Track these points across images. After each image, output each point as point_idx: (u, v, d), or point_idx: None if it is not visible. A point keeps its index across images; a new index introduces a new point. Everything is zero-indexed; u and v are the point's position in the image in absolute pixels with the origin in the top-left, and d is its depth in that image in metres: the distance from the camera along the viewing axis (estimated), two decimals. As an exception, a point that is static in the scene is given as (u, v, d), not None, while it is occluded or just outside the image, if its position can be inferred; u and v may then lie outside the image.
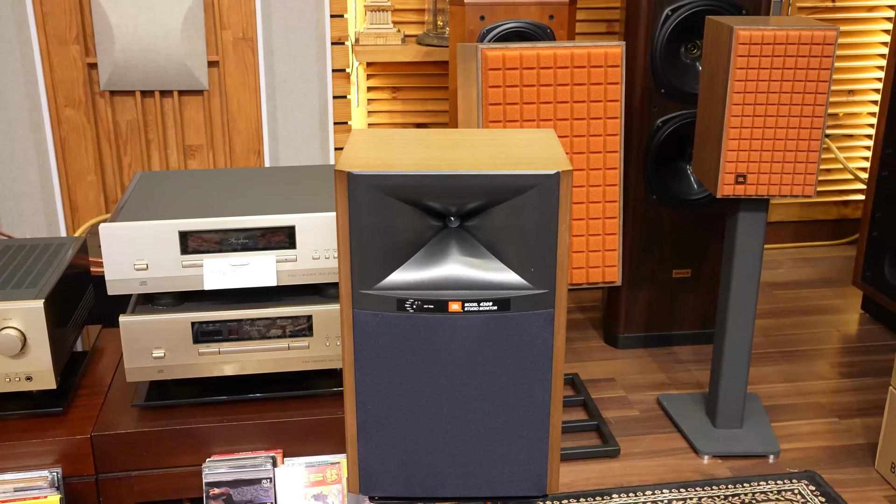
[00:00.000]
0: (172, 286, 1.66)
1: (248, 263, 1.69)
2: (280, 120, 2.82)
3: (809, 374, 2.39)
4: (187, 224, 1.63)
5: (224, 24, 2.71)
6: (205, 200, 1.73)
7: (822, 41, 1.73)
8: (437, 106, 2.91)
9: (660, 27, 2.24)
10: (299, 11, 2.72)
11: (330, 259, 1.70)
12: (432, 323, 1.04)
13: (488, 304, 1.04)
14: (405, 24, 2.84)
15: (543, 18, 2.22)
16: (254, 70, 2.75)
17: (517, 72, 1.72)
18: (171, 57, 2.69)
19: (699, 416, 2.14)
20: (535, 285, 1.04)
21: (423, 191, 1.01)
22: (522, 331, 1.06)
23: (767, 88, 1.76)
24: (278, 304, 1.72)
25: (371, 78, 2.89)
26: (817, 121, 1.78)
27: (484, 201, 1.02)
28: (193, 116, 2.80)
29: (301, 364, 1.74)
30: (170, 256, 1.65)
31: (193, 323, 1.67)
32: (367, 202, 1.01)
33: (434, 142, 1.13)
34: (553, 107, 1.74)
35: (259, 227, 1.66)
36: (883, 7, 3.10)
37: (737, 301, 1.98)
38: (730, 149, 1.80)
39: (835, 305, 2.82)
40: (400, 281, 1.04)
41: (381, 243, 1.03)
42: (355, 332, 1.06)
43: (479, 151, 1.08)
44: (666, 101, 2.31)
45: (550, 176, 1.00)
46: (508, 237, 1.03)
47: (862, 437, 2.09)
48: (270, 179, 1.86)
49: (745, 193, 1.83)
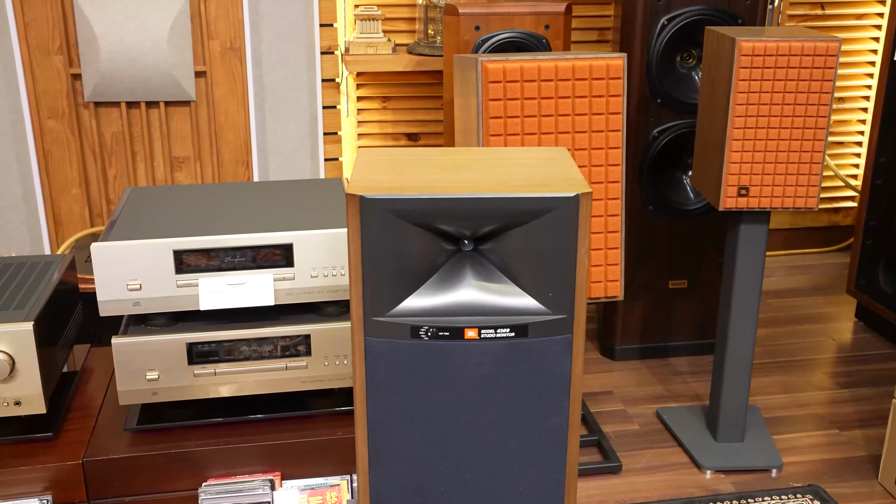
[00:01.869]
0: (167, 306, 1.61)
1: (245, 282, 1.64)
2: (269, 131, 2.77)
3: (807, 385, 2.38)
4: (182, 243, 1.59)
5: (211, 33, 2.66)
6: (199, 218, 1.69)
7: (825, 52, 1.71)
8: (429, 116, 2.88)
9: (656, 37, 2.22)
10: (288, 20, 2.68)
11: (328, 277, 1.66)
12: (447, 350, 1.01)
13: (505, 331, 1.01)
14: (395, 32, 2.81)
15: (539, 28, 2.19)
16: (242, 80, 2.71)
17: (518, 84, 1.69)
18: (158, 67, 2.64)
19: (699, 430, 2.12)
20: (553, 310, 1.01)
21: (438, 214, 0.97)
22: (540, 357, 1.02)
23: (770, 100, 1.74)
24: (275, 323, 1.68)
25: (361, 87, 2.85)
26: (819, 132, 1.77)
27: (500, 225, 0.99)
28: (180, 127, 2.75)
29: (299, 384, 1.70)
30: (164, 276, 1.60)
31: (188, 344, 1.63)
32: (380, 226, 0.97)
33: (444, 162, 1.09)
34: (554, 120, 1.72)
35: (256, 246, 1.62)
36: (872, 15, 3.10)
37: (738, 314, 1.96)
38: (732, 161, 1.78)
39: (828, 314, 2.82)
40: (414, 307, 1.01)
41: (393, 268, 0.99)
42: (367, 359, 1.02)
43: (493, 172, 1.05)
44: (662, 111, 2.29)
45: (569, 199, 0.97)
46: (525, 261, 1.00)
47: (863, 448, 2.07)
48: (265, 195, 1.82)
49: (747, 206, 1.81)
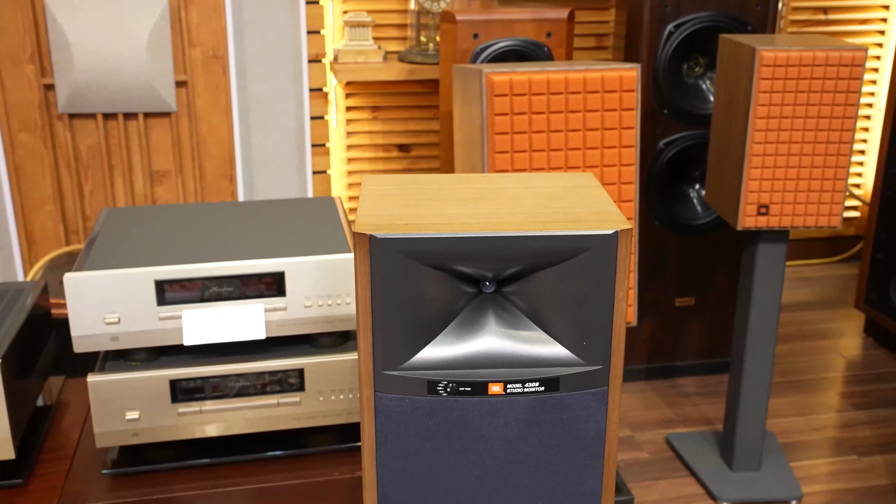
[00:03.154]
0: (148, 341, 1.49)
1: (233, 314, 1.52)
2: (254, 143, 2.64)
3: (821, 406, 2.28)
4: (164, 272, 1.46)
5: (193, 41, 2.53)
6: (182, 243, 1.56)
7: (851, 62, 1.61)
8: (421, 126, 2.76)
9: (662, 45, 2.12)
10: (274, 28, 2.55)
11: (323, 307, 1.55)
12: (469, 408, 0.89)
13: (534, 385, 0.89)
14: (386, 40, 2.69)
15: (541, 36, 2.08)
16: (225, 90, 2.58)
17: (525, 98, 1.58)
18: (136, 77, 2.50)
19: (713, 458, 2.01)
20: (588, 360, 0.90)
21: (460, 255, 0.86)
22: (572, 413, 0.91)
23: (792, 113, 1.64)
24: (266, 356, 1.55)
25: (350, 97, 2.73)
26: (844, 147, 1.66)
27: (528, 265, 0.88)
28: (160, 140, 2.61)
29: (292, 422, 1.58)
30: (145, 308, 1.47)
31: (172, 380, 1.50)
32: (393, 269, 0.86)
33: (461, 192, 0.98)
34: (564, 135, 1.60)
35: (245, 274, 1.50)
36: (875, 20, 3.01)
37: (755, 337, 1.85)
38: (752, 178, 1.67)
39: (837, 329, 2.72)
40: (430, 359, 0.89)
41: (407, 315, 0.87)
42: (377, 417, 0.90)
43: (517, 205, 0.94)
44: (669, 122, 2.19)
45: (607, 236, 0.86)
46: (555, 305, 0.89)
47: (885, 476, 1.98)
48: (253, 217, 1.70)
49: (767, 225, 1.71)
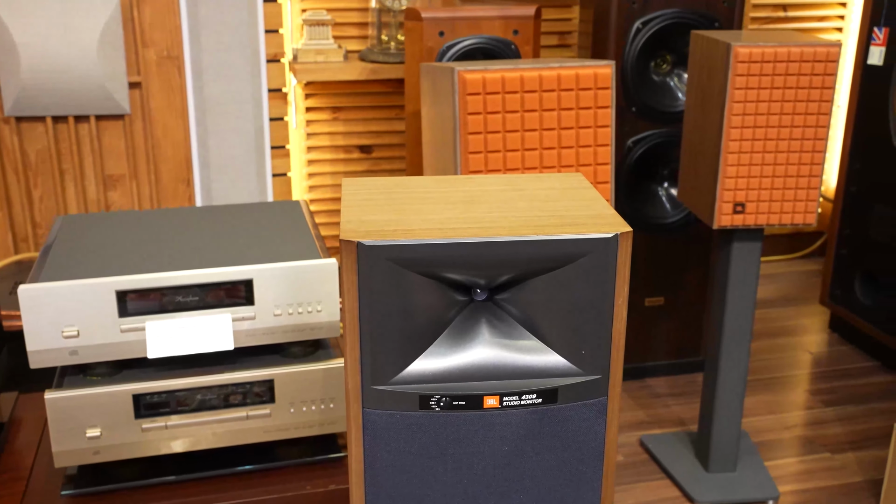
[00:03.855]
0: (109, 355, 1.41)
1: (199, 325, 1.45)
2: (212, 146, 2.56)
3: (791, 404, 2.27)
4: (125, 282, 1.39)
5: (146, 41, 2.44)
6: (144, 251, 1.49)
7: (825, 58, 1.60)
8: (383, 127, 2.70)
9: (630, 42, 2.09)
10: (230, 27, 2.48)
11: (294, 315, 1.49)
12: (463, 423, 0.85)
13: (531, 397, 0.85)
14: (347, 39, 2.63)
15: (507, 34, 2.04)
16: (181, 91, 2.50)
17: (499, 96, 1.53)
18: (87, 78, 2.41)
19: (689, 460, 1.99)
20: (586, 370, 0.86)
21: (452, 262, 0.81)
22: (570, 425, 0.87)
23: (767, 110, 1.62)
24: (234, 367, 1.49)
25: (310, 98, 2.66)
26: (819, 143, 1.65)
27: (523, 272, 0.84)
28: (114, 143, 2.52)
29: (262, 435, 1.51)
30: (106, 321, 1.40)
31: (135, 395, 1.43)
32: (382, 278, 0.81)
33: (449, 195, 0.93)
34: (539, 134, 1.57)
35: (211, 283, 1.43)
36: (833, 17, 3.03)
37: (730, 338, 1.83)
38: (728, 176, 1.65)
39: (802, 325, 2.73)
40: (422, 372, 0.84)
41: (397, 327, 0.83)
42: (366, 436, 0.85)
43: (509, 208, 0.89)
44: (637, 121, 2.17)
45: (606, 240, 0.82)
46: (551, 313, 0.84)
47: (858, 474, 1.97)
48: (217, 222, 1.63)
49: (743, 223, 1.69)
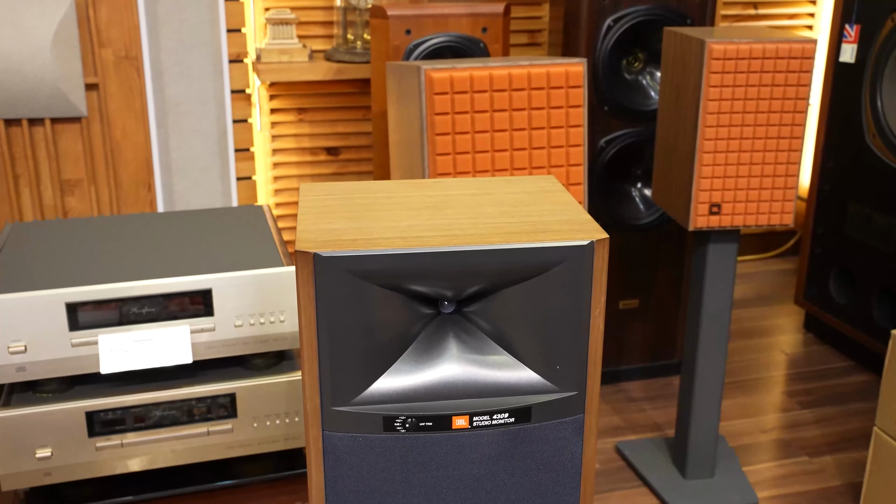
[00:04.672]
0: (60, 370, 1.34)
1: (155, 338, 1.38)
2: (173, 148, 2.49)
3: (768, 407, 2.24)
4: (76, 293, 1.32)
5: (103, 41, 2.36)
6: (96, 260, 1.42)
7: (801, 55, 1.56)
8: (349, 128, 2.64)
9: (601, 40, 2.05)
10: (191, 26, 2.40)
11: (255, 326, 1.42)
12: (431, 445, 0.79)
13: (503, 416, 0.80)
14: (311, 38, 2.56)
15: (476, 31, 1.99)
16: (140, 93, 2.42)
17: (467, 96, 1.48)
18: (41, 80, 2.32)
19: (665, 466, 1.95)
20: (561, 386, 0.81)
21: (417, 273, 0.75)
22: (545, 445, 0.82)
23: (743, 108, 1.58)
24: (193, 381, 1.42)
25: (274, 99, 2.59)
26: (795, 142, 1.62)
27: (492, 282, 0.78)
28: (71, 147, 2.44)
29: (224, 451, 1.45)
30: (55, 334, 1.33)
31: (88, 412, 1.36)
32: (341, 291, 0.75)
33: (413, 201, 0.88)
34: (509, 135, 1.51)
35: (167, 293, 1.36)
36: (803, 15, 3.01)
37: (707, 341, 1.79)
38: (703, 176, 1.61)
39: (776, 325, 2.71)
40: (386, 391, 0.78)
41: (358, 343, 0.77)
42: (326, 460, 0.79)
43: (478, 213, 0.84)
44: (609, 120, 2.12)
45: (582, 248, 0.77)
46: (524, 326, 0.79)
47: (837, 477, 1.94)
48: (175, 229, 1.56)
49: (719, 225, 1.65)
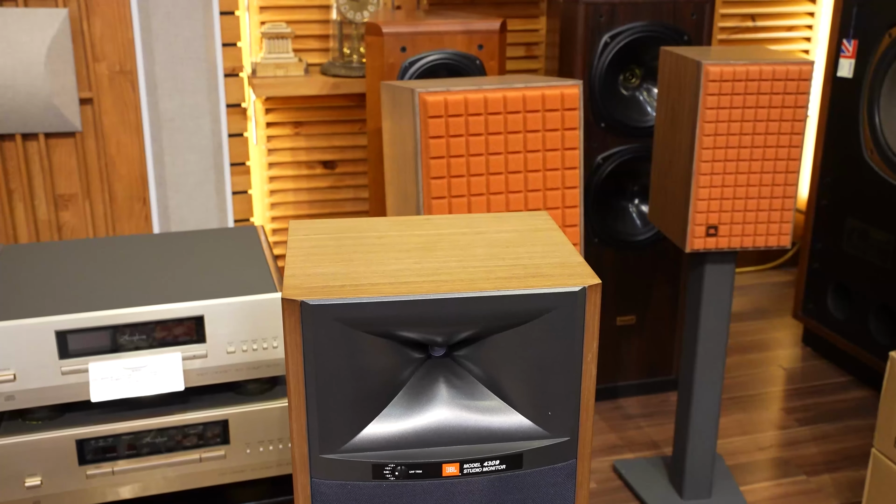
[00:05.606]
0: (49, 399, 1.33)
1: (147, 365, 1.37)
2: (168, 163, 2.48)
3: (765, 424, 2.23)
4: (66, 321, 1.31)
5: (97, 55, 2.35)
6: (87, 286, 1.41)
7: (798, 76, 1.55)
8: (345, 142, 2.63)
9: (598, 56, 2.04)
10: (186, 40, 2.39)
11: (248, 352, 1.41)
12: (420, 493, 0.78)
13: (494, 463, 0.78)
14: (307, 52, 2.55)
15: (472, 49, 1.98)
16: (135, 107, 2.40)
17: (462, 119, 1.47)
18: (35, 94, 2.31)
19: (662, 486, 1.94)
20: (553, 432, 0.80)
21: (406, 321, 0.74)
22: (537, 492, 0.80)
23: (740, 130, 1.57)
24: (185, 408, 1.41)
25: (270, 112, 2.58)
26: (793, 164, 1.60)
27: (483, 328, 0.77)
28: (65, 162, 2.43)
29: (217, 478, 1.44)
30: (45, 362, 1.31)
31: (79, 440, 1.35)
32: (329, 339, 0.74)
33: (403, 241, 0.86)
34: (504, 158, 1.50)
35: (159, 320, 1.35)
36: (801, 27, 3.00)
37: (704, 362, 1.78)
38: (700, 198, 1.60)
39: (774, 339, 2.69)
40: (375, 438, 0.77)
41: (347, 390, 0.76)
42: (314, 508, 0.78)
43: (468, 255, 0.83)
44: (606, 136, 2.11)
45: (574, 294, 0.76)
46: (515, 371, 0.78)
47: (835, 496, 1.93)
48: (166, 251, 1.55)
49: (716, 247, 1.64)
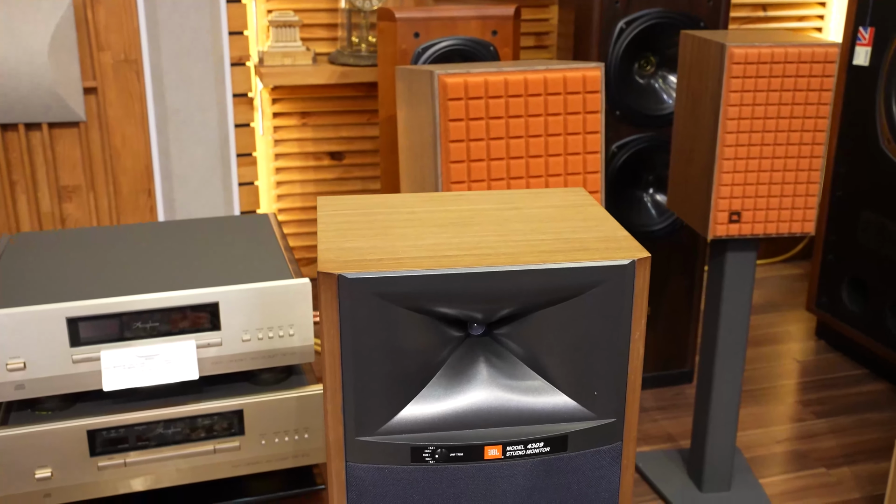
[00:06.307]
0: (60, 388, 1.30)
1: (160, 353, 1.34)
2: (174, 154, 2.44)
3: (782, 417, 2.20)
4: (78, 308, 1.27)
5: (102, 44, 2.31)
6: (98, 273, 1.37)
7: (824, 59, 1.52)
8: (354, 132, 2.59)
9: (613, 43, 2.01)
10: (192, 29, 2.35)
11: (263, 340, 1.37)
12: (462, 477, 0.75)
13: (538, 446, 0.75)
14: (315, 41, 2.52)
15: (486, 35, 1.94)
16: (140, 98, 2.37)
17: (482, 101, 1.43)
18: (38, 84, 2.27)
19: (681, 479, 1.90)
20: (599, 413, 0.76)
21: (446, 296, 0.71)
22: (582, 475, 0.77)
23: (764, 114, 1.54)
24: (199, 398, 1.38)
25: (277, 103, 2.54)
26: (817, 148, 1.57)
27: (526, 304, 0.74)
28: (69, 153, 2.39)
29: (231, 469, 1.40)
30: (56, 351, 1.28)
31: (90, 431, 1.31)
32: (367, 315, 0.70)
33: (438, 217, 0.83)
34: (524, 142, 1.47)
35: (173, 307, 1.32)
36: (812, 17, 2.98)
37: (724, 352, 1.75)
38: (723, 184, 1.57)
39: (788, 333, 2.66)
40: (413, 420, 0.74)
41: (384, 370, 0.72)
42: (350, 493, 0.75)
43: (507, 230, 0.79)
44: (621, 125, 2.08)
45: (623, 268, 0.73)
46: (559, 350, 0.75)
47: (856, 489, 1.90)
48: (179, 240, 1.51)
49: (739, 233, 1.60)
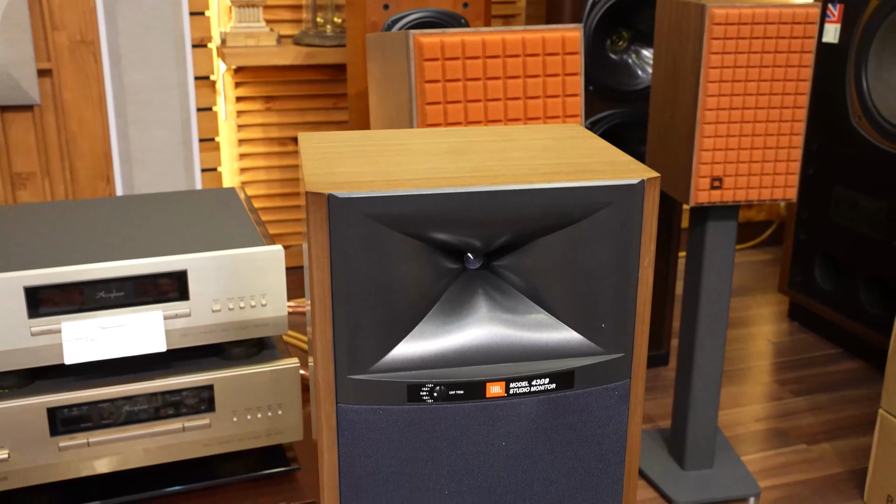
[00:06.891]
0: (18, 363, 1.21)
1: (125, 324, 1.26)
2: (133, 139, 2.35)
3: (760, 396, 2.18)
4: (36, 276, 1.19)
5: (56, 24, 2.23)
6: (59, 242, 1.29)
7: (805, 20, 1.50)
8: (319, 117, 2.53)
9: (585, 18, 1.97)
10: (151, 8, 2.27)
11: (234, 311, 1.31)
12: (462, 416, 0.69)
13: (543, 382, 0.70)
14: (279, 22, 2.45)
15: (457, 7, 1.90)
16: (97, 80, 2.28)
17: (459, 62, 1.39)
18: (-10, 65, 2.18)
19: (663, 458, 1.87)
20: (607, 348, 0.72)
21: (446, 217, 0.66)
22: (589, 415, 0.72)
23: (745, 76, 1.51)
24: (167, 373, 1.30)
25: (240, 86, 2.47)
26: (798, 112, 1.55)
27: (527, 230, 0.69)
28: (22, 137, 2.29)
29: (202, 449, 1.33)
30: (13, 323, 1.20)
31: (50, 409, 1.23)
32: (359, 240, 0.65)
33: (429, 146, 0.78)
34: (503, 104, 1.42)
35: (138, 275, 1.25)
36: None
37: (706, 325, 1.72)
38: (704, 148, 1.54)
39: (761, 315, 2.65)
40: (409, 356, 0.68)
41: (377, 302, 0.67)
42: (341, 438, 0.69)
43: (505, 157, 0.74)
44: (594, 101, 2.05)
45: (632, 187, 0.68)
46: (563, 280, 0.70)
47: (838, 465, 1.88)
48: (143, 210, 1.44)
49: (721, 200, 1.57)
